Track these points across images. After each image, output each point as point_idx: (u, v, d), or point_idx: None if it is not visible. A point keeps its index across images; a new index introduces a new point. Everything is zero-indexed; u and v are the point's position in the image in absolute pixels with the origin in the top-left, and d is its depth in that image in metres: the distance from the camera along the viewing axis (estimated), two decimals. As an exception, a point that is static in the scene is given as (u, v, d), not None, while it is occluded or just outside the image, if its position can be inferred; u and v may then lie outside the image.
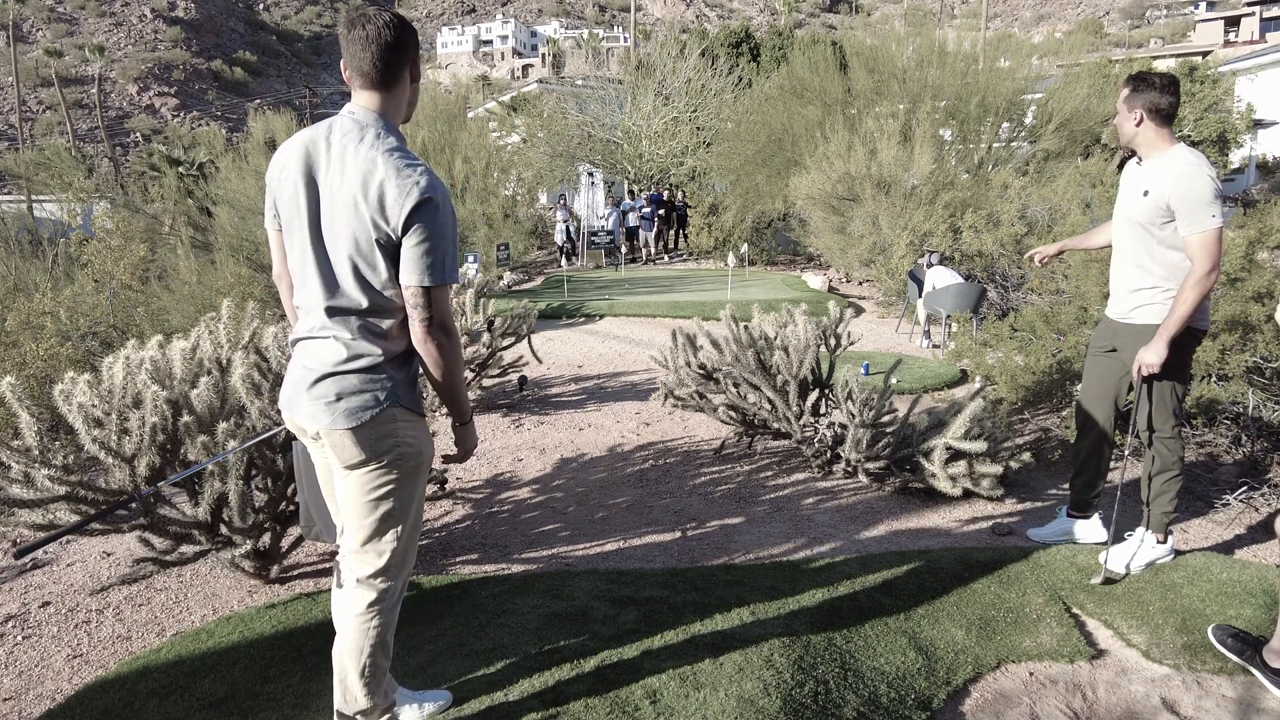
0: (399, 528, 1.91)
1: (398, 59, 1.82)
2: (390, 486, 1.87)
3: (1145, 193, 2.88)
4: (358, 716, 1.98)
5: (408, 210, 1.72)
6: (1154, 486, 3.14)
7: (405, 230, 1.74)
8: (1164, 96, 2.83)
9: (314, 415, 1.82)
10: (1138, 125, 2.89)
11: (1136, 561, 3.15)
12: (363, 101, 1.83)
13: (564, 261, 16.89)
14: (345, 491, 1.89)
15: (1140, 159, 2.98)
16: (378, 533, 1.89)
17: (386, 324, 1.84)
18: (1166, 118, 2.86)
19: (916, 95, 12.41)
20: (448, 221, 1.78)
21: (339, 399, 1.80)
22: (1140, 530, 3.20)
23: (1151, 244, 2.92)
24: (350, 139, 1.79)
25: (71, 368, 4.10)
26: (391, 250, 1.77)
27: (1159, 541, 3.16)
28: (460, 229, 14.89)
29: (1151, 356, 2.87)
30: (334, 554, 3.43)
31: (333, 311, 1.81)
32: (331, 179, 1.79)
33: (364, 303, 1.80)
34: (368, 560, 1.91)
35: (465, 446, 2.06)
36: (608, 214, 18.55)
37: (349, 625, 1.92)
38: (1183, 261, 2.87)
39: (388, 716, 2.04)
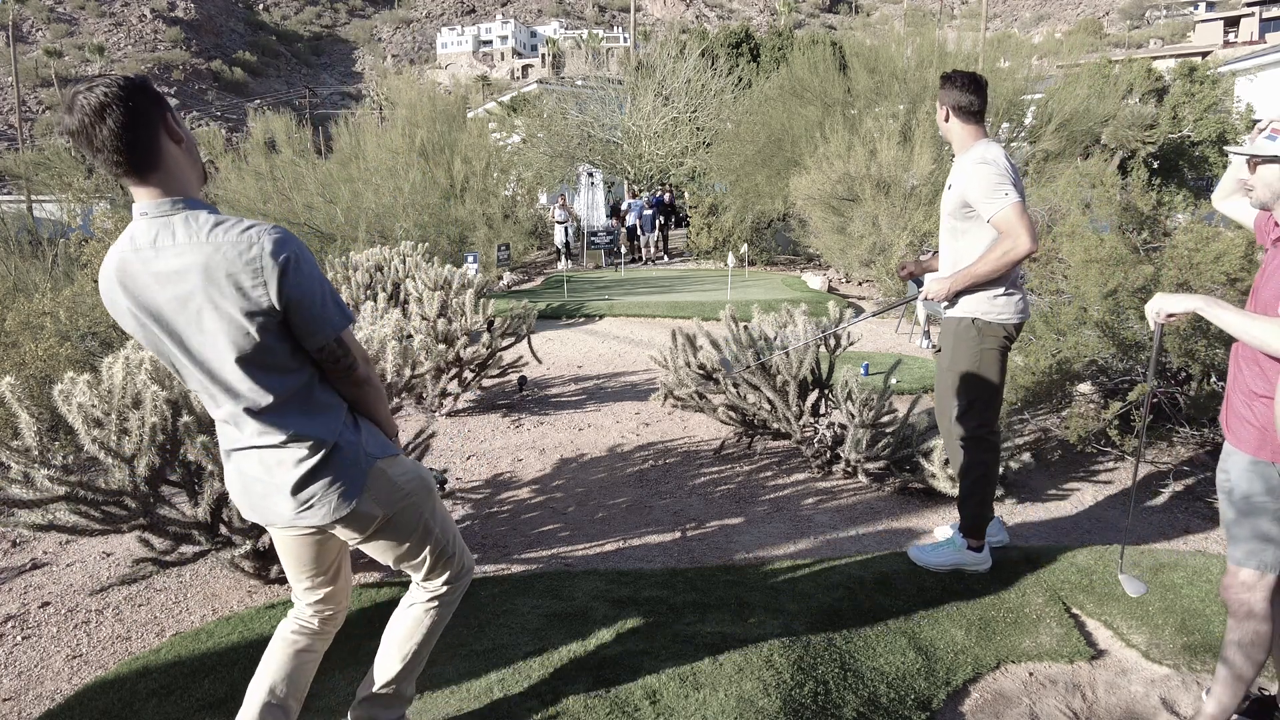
0: (442, 544, 1.96)
1: (141, 135, 1.51)
2: (414, 524, 1.89)
3: (949, 186, 2.96)
4: (381, 690, 1.99)
5: (275, 282, 1.54)
6: (960, 487, 3.14)
7: (284, 298, 1.56)
8: (965, 94, 2.91)
9: (307, 518, 1.73)
10: (946, 121, 2.98)
11: (938, 559, 3.12)
12: (144, 196, 1.56)
13: (563, 262, 16.90)
14: (381, 551, 1.90)
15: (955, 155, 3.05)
16: (428, 558, 1.94)
17: (306, 402, 1.70)
18: (971, 114, 2.93)
19: (916, 95, 12.41)
20: (311, 261, 1.61)
21: (328, 493, 1.71)
22: (950, 528, 3.22)
23: (959, 234, 2.98)
24: (162, 243, 1.55)
25: (71, 368, 4.10)
26: (278, 325, 1.60)
27: (970, 547, 3.09)
28: (460, 229, 14.88)
29: (933, 288, 2.95)
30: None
31: (255, 416, 1.66)
32: (171, 293, 1.56)
33: (271, 398, 1.64)
34: (435, 580, 1.98)
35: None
36: (626, 208, 18.89)
37: (408, 614, 1.99)
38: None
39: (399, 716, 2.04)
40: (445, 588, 1.99)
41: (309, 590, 1.95)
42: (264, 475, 1.72)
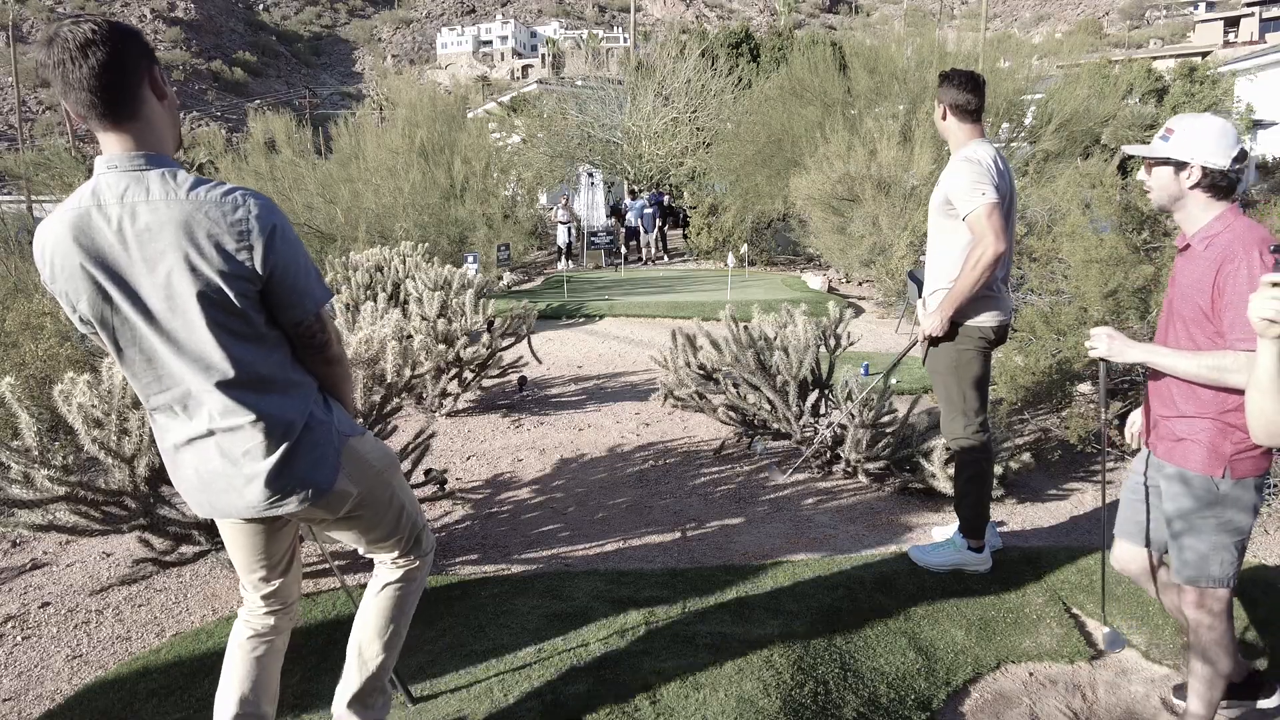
0: (413, 518, 1.98)
1: (123, 80, 1.42)
2: (386, 501, 1.89)
3: (939, 184, 2.97)
4: (366, 683, 1.97)
5: (261, 248, 1.49)
6: (956, 487, 3.16)
7: (268, 266, 1.51)
8: (963, 93, 2.90)
9: (282, 504, 1.65)
10: (943, 119, 2.98)
11: (938, 559, 3.13)
12: (114, 146, 1.46)
13: (563, 261, 16.91)
14: (355, 534, 1.90)
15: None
16: (402, 534, 1.95)
17: (279, 378, 1.62)
18: (968, 113, 2.92)
19: (916, 96, 12.41)
20: (293, 230, 1.58)
21: (305, 476, 1.65)
22: (952, 529, 3.23)
23: (944, 231, 2.98)
24: (134, 197, 1.45)
25: (71, 368, 4.09)
26: (256, 294, 1.54)
27: (970, 548, 3.10)
28: (460, 229, 14.87)
29: (926, 323, 2.96)
30: (333, 554, 3.43)
31: (225, 390, 1.55)
32: (138, 253, 1.46)
33: (244, 369, 1.56)
34: (408, 556, 1.99)
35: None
36: (625, 208, 18.90)
37: (383, 596, 1.98)
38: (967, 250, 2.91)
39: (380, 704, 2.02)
40: (418, 562, 2.00)
41: (262, 582, 1.88)
42: (228, 468, 1.60)
